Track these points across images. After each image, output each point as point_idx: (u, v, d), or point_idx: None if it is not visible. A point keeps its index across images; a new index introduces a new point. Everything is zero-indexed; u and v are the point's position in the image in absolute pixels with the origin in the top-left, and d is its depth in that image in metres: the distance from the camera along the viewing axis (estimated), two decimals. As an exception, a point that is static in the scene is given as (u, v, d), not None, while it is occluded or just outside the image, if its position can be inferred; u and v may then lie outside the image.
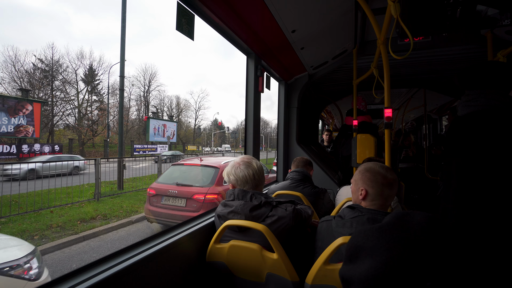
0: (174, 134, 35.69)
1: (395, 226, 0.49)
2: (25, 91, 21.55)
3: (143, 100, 41.66)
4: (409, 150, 5.21)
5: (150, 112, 40.69)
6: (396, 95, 5.99)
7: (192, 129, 50.28)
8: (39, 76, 28.88)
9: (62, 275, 1.01)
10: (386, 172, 1.21)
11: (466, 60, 3.30)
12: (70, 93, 31.35)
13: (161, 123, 33.78)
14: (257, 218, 1.32)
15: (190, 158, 7.48)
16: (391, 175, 1.21)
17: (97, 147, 32.12)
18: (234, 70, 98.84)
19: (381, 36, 1.88)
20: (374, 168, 1.23)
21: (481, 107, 1.22)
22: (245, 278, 1.37)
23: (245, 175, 1.42)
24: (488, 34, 2.30)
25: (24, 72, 27.75)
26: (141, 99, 41.53)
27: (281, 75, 3.20)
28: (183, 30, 1.41)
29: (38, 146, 20.08)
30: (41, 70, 29.08)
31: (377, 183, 1.19)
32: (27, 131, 19.34)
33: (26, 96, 20.75)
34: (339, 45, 2.92)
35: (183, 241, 1.43)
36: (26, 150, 19.04)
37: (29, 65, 28.29)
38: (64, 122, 31.15)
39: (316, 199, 2.13)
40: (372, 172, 1.22)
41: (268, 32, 2.13)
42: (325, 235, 1.25)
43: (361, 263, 0.48)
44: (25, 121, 19.16)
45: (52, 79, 29.38)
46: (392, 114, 2.00)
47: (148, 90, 41.98)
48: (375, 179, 1.20)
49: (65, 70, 30.86)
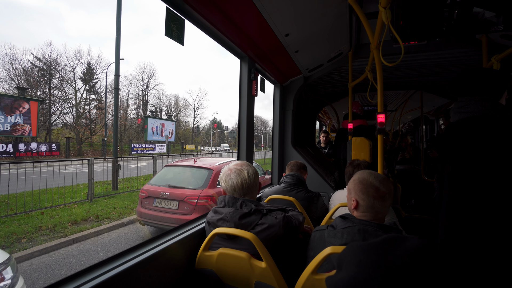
0: (172, 133, 35.47)
1: (379, 247, 0.51)
2: (22, 89, 21.31)
3: (141, 99, 41.54)
4: (405, 152, 5.22)
5: (149, 111, 40.50)
6: (393, 97, 5.99)
7: (191, 129, 50.19)
8: (36, 74, 28.67)
9: (46, 286, 1.00)
10: (379, 185, 1.16)
11: (462, 63, 3.30)
12: (68, 91, 30.97)
13: (159, 122, 33.53)
14: (246, 226, 1.31)
15: (184, 159, 7.29)
16: (385, 188, 1.16)
17: (95, 146, 31.78)
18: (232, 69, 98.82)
19: (374, 41, 1.87)
20: (367, 180, 1.19)
21: (471, 113, 1.26)
22: (234, 286, 1.36)
23: (233, 184, 1.40)
24: (483, 38, 2.30)
25: (21, 71, 27.52)
26: (140, 98, 41.42)
27: (276, 78, 3.18)
28: (172, 35, 1.39)
29: (35, 145, 19.93)
30: (39, 68, 28.87)
31: (368, 196, 1.15)
32: (24, 130, 19.17)
33: (23, 94, 20.51)
34: (334, 47, 2.91)
35: (172, 248, 1.42)
36: (22, 149, 18.87)
37: (26, 64, 28.13)
38: (61, 121, 30.87)
39: (309, 204, 2.13)
40: (364, 184, 1.18)
41: (261, 36, 2.11)
42: (317, 245, 1.24)
43: (338, 274, 0.54)
44: (21, 120, 18.98)
45: (50, 77, 29.15)
46: (387, 119, 2.00)
47: (147, 89, 41.88)
48: (367, 191, 1.16)
49: (63, 69, 30.59)
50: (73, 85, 31.37)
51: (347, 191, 1.31)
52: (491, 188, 1.14)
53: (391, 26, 1.42)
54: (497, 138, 1.16)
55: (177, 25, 1.42)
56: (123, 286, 1.14)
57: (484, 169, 1.16)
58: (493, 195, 1.14)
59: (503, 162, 1.13)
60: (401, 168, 5.24)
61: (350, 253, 0.53)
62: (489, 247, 1.13)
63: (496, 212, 1.12)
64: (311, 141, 5.10)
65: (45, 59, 29.18)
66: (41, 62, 29.03)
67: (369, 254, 0.49)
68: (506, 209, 1.10)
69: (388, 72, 3.70)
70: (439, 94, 4.74)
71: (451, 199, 1.24)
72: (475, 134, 1.21)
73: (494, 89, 1.25)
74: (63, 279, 1.03)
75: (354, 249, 0.53)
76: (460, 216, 1.20)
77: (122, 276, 1.13)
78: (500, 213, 1.12)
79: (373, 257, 0.48)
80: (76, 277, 1.07)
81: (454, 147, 1.28)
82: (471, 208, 1.17)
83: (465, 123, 1.27)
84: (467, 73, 1.31)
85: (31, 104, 19.61)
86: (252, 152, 2.54)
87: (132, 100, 41.10)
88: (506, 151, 1.13)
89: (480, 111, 1.22)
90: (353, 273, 0.47)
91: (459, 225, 1.20)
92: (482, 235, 1.14)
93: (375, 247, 0.52)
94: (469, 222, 1.17)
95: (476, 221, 1.15)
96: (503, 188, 1.12)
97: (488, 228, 1.13)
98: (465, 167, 1.21)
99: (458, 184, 1.22)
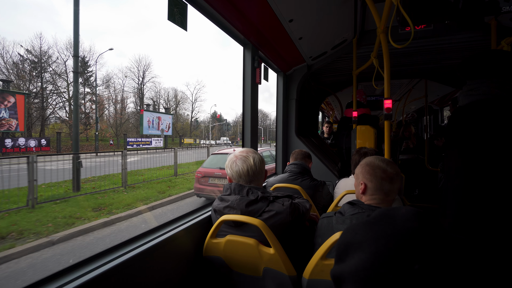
0: (169, 127, 34.25)
1: (382, 218, 0.51)
2: (6, 82, 19.94)
3: (137, 92, 40.68)
4: (409, 141, 5.18)
5: (145, 104, 39.56)
6: (397, 86, 5.92)
7: (189, 122, 49.47)
8: (27, 67, 27.66)
9: (59, 270, 1.00)
10: (386, 166, 1.17)
11: (469, 48, 3.23)
12: (61, 85, 29.80)
13: (155, 116, 32.26)
14: (253, 213, 1.29)
15: (223, 149, 9.64)
16: (392, 169, 1.17)
17: (90, 141, 31.05)
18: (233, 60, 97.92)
19: (381, 25, 1.82)
20: (374, 162, 1.19)
21: (483, 96, 1.20)
22: (242, 272, 1.37)
23: (239, 171, 1.38)
24: (492, 22, 2.23)
25: (11, 64, 26.59)
26: (135, 91, 40.56)
27: (279, 66, 3.14)
28: (175, 20, 1.35)
29: (23, 140, 18.69)
30: (30, 61, 27.98)
31: (376, 177, 1.15)
32: (10, 125, 18.17)
33: (7, 87, 19.22)
34: (338, 34, 2.85)
35: (179, 235, 1.42)
36: (9, 145, 17.65)
37: (16, 57, 27.15)
38: (55, 116, 30.23)
39: (314, 192, 2.12)
40: (371, 166, 1.18)
41: (265, 22, 2.07)
42: (325, 232, 1.24)
43: (351, 258, 0.49)
44: (7, 114, 17.97)
45: (41, 70, 28.19)
46: (392, 106, 1.97)
47: (143, 82, 40.94)
48: (374, 173, 1.16)
49: (55, 62, 29.58)
50: (65, 78, 30.00)
51: (354, 178, 1.29)
52: (505, 176, 1.08)
53: (401, 7, 1.37)
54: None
55: (179, 9, 1.38)
56: (132, 272, 1.14)
57: (498, 155, 1.10)
58: (506, 181, 1.08)
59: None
60: (405, 158, 5.21)
61: (359, 233, 0.52)
62: (501, 235, 1.08)
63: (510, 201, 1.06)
64: (314, 131, 5.07)
65: (35, 51, 28.14)
66: (32, 54, 27.97)
67: (379, 227, 0.49)
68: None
69: (393, 59, 3.63)
70: (443, 82, 4.66)
71: (461, 188, 1.19)
72: (490, 117, 1.15)
73: (507, 71, 1.19)
74: (70, 266, 1.03)
75: (362, 228, 0.52)
76: (471, 206, 1.15)
77: (131, 262, 1.13)
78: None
79: (382, 229, 0.48)
80: (85, 263, 1.07)
81: (466, 131, 1.21)
82: (484, 198, 1.11)
83: (476, 106, 1.20)
84: (479, 55, 1.25)
85: (17, 97, 18.52)
86: (256, 140, 2.52)
87: (128, 93, 40.39)
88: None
89: (493, 93, 1.16)
90: (373, 249, 0.46)
91: (469, 215, 1.15)
92: (494, 226, 1.09)
93: (379, 220, 0.51)
94: (480, 213, 1.12)
95: (490, 212, 1.09)
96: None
97: (503, 221, 1.08)
98: (476, 154, 1.15)
99: (469, 172, 1.17)
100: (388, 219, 0.49)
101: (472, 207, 1.14)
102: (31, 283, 0.93)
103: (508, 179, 1.07)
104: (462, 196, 1.18)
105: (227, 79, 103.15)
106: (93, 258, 1.10)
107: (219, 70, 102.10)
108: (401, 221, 0.47)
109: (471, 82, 1.25)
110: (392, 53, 3.28)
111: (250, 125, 2.40)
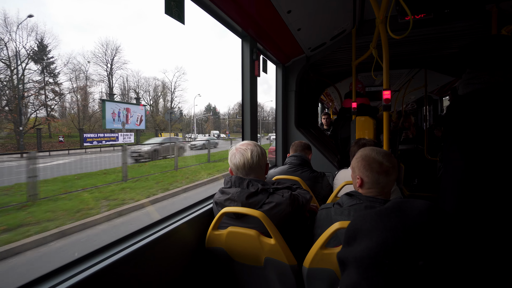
0: (141, 120, 28.28)
1: (393, 211, 0.51)
2: None
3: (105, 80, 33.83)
4: (409, 131, 5.19)
5: (113, 94, 33.82)
6: (396, 77, 5.88)
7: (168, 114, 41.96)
8: None
9: (60, 266, 1.01)
10: (382, 159, 1.15)
11: (469, 36, 3.20)
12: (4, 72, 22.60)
13: (122, 107, 26.17)
14: (253, 205, 1.32)
15: None
16: (388, 162, 1.15)
17: (54, 137, 25.25)
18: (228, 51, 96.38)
19: (380, 15, 1.80)
20: (370, 156, 1.17)
21: (484, 84, 1.14)
22: (244, 262, 1.40)
23: (239, 163, 1.40)
24: (493, 9, 2.21)
25: None
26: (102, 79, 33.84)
27: (278, 58, 3.11)
28: (172, 13, 1.34)
29: None
30: None
31: (372, 172, 1.14)
32: None
33: None
34: (337, 25, 2.83)
35: (182, 228, 1.44)
36: None
37: None
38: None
39: (314, 183, 2.14)
40: (367, 160, 1.17)
41: (263, 13, 2.05)
42: (324, 223, 1.25)
43: (357, 244, 0.49)
44: None
45: None
46: (391, 96, 1.96)
47: (111, 68, 34.11)
48: (370, 167, 1.15)
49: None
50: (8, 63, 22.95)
51: (351, 170, 1.30)
52: (506, 169, 1.03)
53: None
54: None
55: (177, 2, 1.37)
56: (136, 264, 1.16)
57: (499, 147, 1.05)
58: (507, 175, 1.03)
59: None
60: (404, 148, 5.22)
61: (369, 221, 0.52)
62: (502, 230, 1.04)
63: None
64: (314, 123, 5.06)
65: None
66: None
67: (390, 218, 0.50)
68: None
69: (392, 49, 3.60)
70: (443, 72, 4.63)
71: (460, 181, 1.15)
72: (491, 106, 1.10)
73: (509, 58, 1.12)
74: (73, 261, 1.04)
75: (373, 217, 0.53)
76: (470, 200, 1.11)
77: (134, 255, 1.15)
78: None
79: (393, 220, 0.49)
80: (88, 258, 1.08)
81: (466, 121, 1.16)
82: (483, 192, 1.07)
83: (477, 95, 1.15)
84: (480, 41, 1.18)
85: None
86: (256, 133, 2.53)
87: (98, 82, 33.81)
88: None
89: (495, 81, 1.11)
90: (381, 239, 0.47)
91: (468, 209, 1.11)
92: (494, 220, 1.04)
93: (391, 211, 0.52)
94: (480, 206, 1.07)
95: (492, 204, 1.05)
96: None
97: (502, 212, 1.03)
98: (476, 146, 1.11)
99: (468, 165, 1.12)
100: (399, 212, 0.49)
101: (471, 200, 1.11)
102: (32, 279, 0.93)
103: (509, 173, 1.03)
104: (461, 189, 1.15)
105: (222, 72, 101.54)
106: (95, 253, 1.11)
107: (213, 62, 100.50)
108: (412, 215, 0.47)
109: (471, 70, 1.19)
110: (391, 43, 3.25)
111: (250, 117, 2.41)
